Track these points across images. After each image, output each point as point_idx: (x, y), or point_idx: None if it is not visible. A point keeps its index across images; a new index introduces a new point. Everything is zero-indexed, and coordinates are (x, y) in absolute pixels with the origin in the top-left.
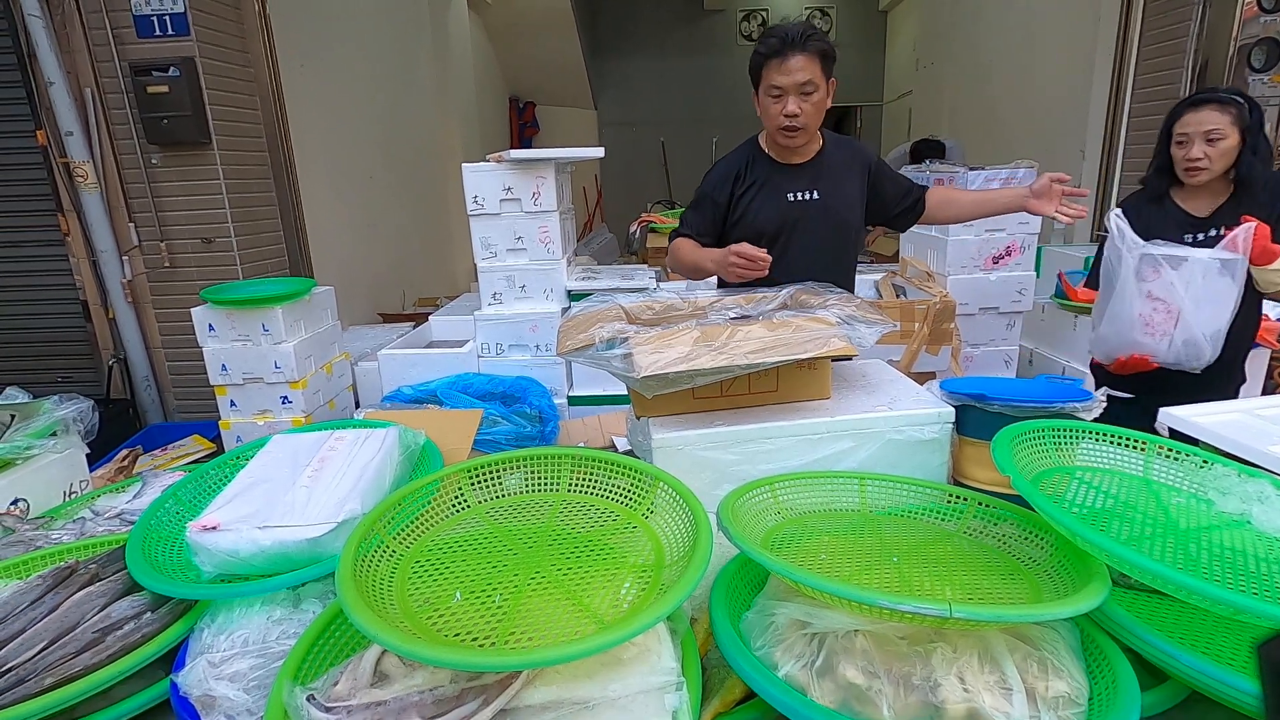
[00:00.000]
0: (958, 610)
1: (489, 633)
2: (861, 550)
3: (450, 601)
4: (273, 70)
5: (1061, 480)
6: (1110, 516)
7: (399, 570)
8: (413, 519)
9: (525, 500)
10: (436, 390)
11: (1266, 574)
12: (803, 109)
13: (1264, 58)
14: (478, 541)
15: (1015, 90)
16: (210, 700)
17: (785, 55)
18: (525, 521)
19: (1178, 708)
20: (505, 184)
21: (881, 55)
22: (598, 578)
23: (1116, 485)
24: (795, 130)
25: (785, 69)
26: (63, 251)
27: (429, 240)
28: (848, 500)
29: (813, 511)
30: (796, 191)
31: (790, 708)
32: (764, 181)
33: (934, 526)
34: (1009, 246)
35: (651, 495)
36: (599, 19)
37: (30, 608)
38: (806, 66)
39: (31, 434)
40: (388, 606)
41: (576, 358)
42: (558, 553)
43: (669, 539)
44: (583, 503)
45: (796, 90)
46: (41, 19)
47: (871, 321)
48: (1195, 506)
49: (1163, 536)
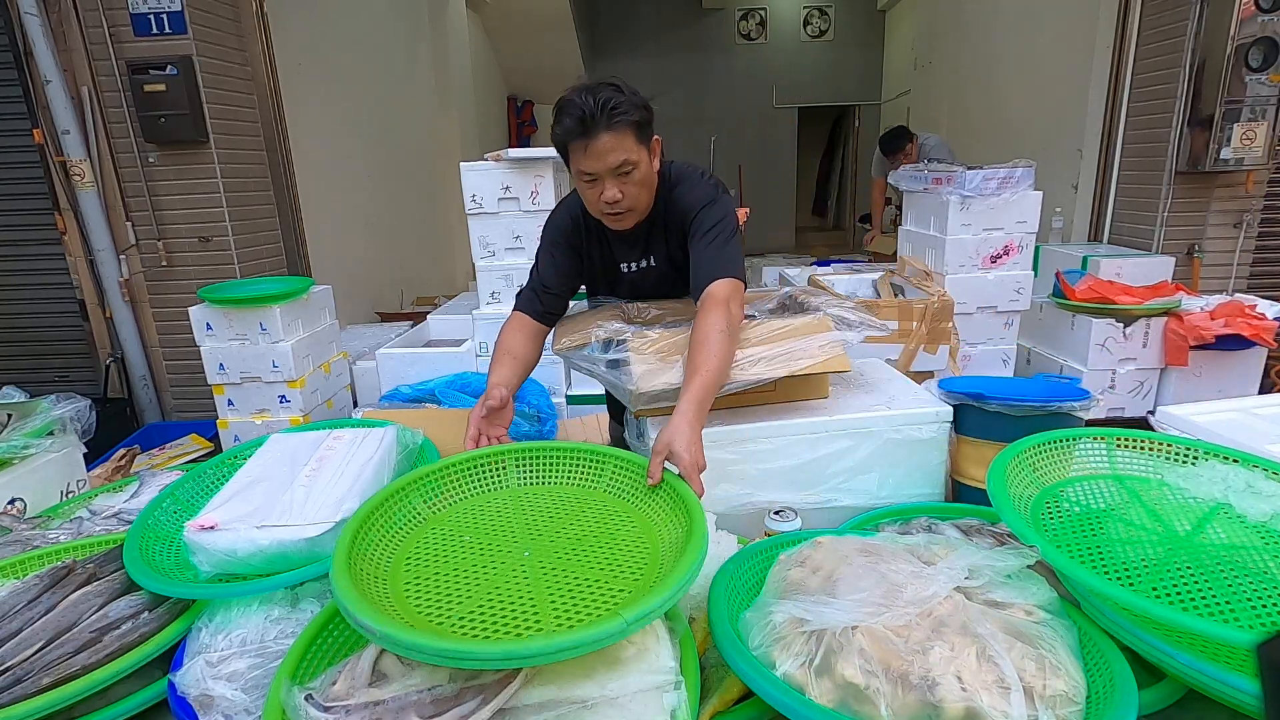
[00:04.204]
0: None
1: (484, 621)
2: (494, 542)
3: (450, 596)
4: (270, 69)
5: (1052, 502)
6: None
7: (409, 537)
8: (427, 499)
9: (522, 494)
10: (435, 389)
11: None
12: (625, 191)
13: (1261, 57)
14: (478, 529)
15: (1013, 89)
16: (208, 700)
17: (589, 137)
18: (526, 513)
19: (1175, 706)
20: (503, 183)
21: (879, 55)
22: (597, 569)
23: (1107, 497)
24: (620, 214)
25: (592, 152)
26: (59, 250)
27: (427, 239)
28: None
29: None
30: (630, 262)
31: (788, 707)
32: (599, 249)
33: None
34: (1007, 245)
35: (639, 484)
36: (597, 18)
37: (27, 607)
38: (617, 145)
39: (28, 433)
40: (381, 596)
41: (571, 356)
42: (558, 545)
43: (665, 534)
44: (580, 496)
45: (611, 174)
46: (38, 17)
47: (869, 323)
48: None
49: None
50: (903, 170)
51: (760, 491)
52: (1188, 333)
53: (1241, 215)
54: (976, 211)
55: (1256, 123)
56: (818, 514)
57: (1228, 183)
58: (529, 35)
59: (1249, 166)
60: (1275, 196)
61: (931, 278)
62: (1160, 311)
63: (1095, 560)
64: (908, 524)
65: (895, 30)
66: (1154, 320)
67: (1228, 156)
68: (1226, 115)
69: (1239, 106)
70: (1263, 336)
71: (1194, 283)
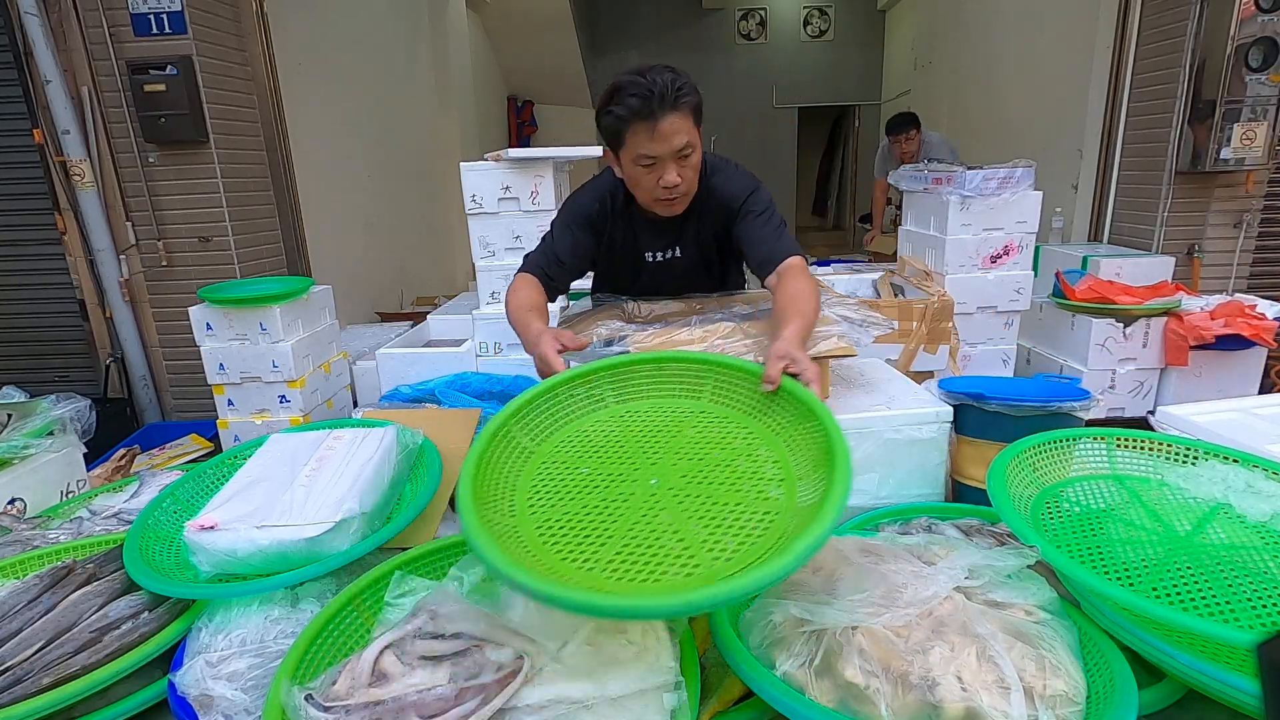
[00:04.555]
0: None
1: (637, 565)
2: (615, 472)
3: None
4: (270, 69)
5: (1053, 503)
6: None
7: (522, 476)
8: (545, 416)
9: (622, 412)
10: (435, 389)
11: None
12: (683, 175)
13: (1261, 57)
14: (593, 459)
15: (1013, 89)
16: (208, 700)
17: (654, 119)
18: (654, 429)
19: (1175, 706)
20: (503, 183)
21: (879, 55)
22: (732, 490)
23: (1105, 497)
24: (675, 199)
25: (658, 134)
26: (59, 250)
27: (427, 239)
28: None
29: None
30: (656, 252)
31: (788, 707)
32: (622, 237)
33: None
34: (1007, 245)
35: (783, 407)
36: (597, 18)
37: (27, 607)
38: (681, 127)
39: (28, 433)
40: (520, 549)
41: (573, 357)
42: (681, 467)
43: (793, 442)
44: (687, 409)
45: (673, 156)
46: (38, 17)
47: (871, 321)
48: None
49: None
50: (903, 170)
51: None
52: (1188, 333)
53: (1241, 215)
54: (976, 211)
55: (1256, 123)
56: None
57: (1228, 183)
58: (529, 35)
59: (1249, 166)
60: (1275, 196)
61: (931, 278)
62: (1160, 311)
63: (1095, 560)
64: (908, 524)
65: (895, 30)
66: (1154, 320)
67: (1228, 156)
68: (1226, 115)
69: (1239, 106)
70: (1263, 336)
71: (1194, 283)
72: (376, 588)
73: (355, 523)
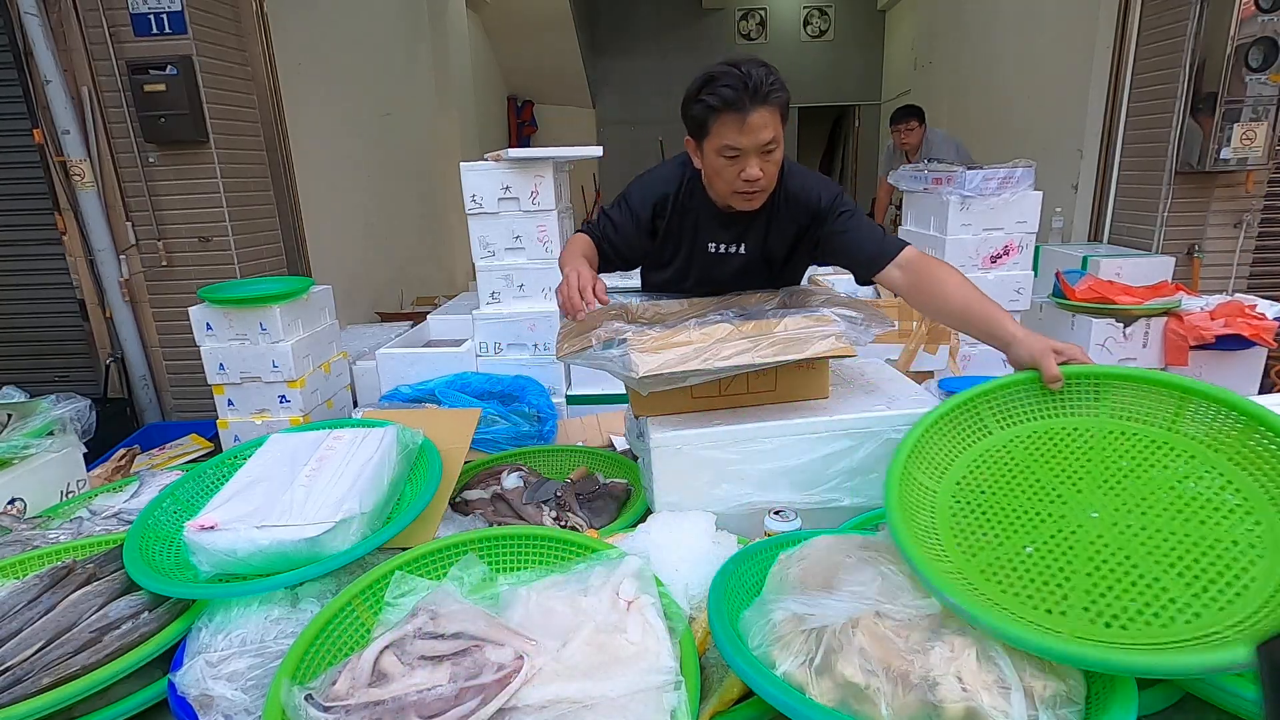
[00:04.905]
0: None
1: (1096, 610)
2: (1063, 492)
3: (1019, 552)
4: (270, 69)
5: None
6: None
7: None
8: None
9: (1050, 426)
10: (435, 389)
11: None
12: (765, 170)
13: (1261, 57)
14: (1045, 465)
15: (1013, 89)
16: (208, 700)
17: (745, 110)
18: (1061, 454)
19: (1174, 707)
20: (503, 183)
21: (879, 55)
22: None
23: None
24: (755, 194)
25: (747, 127)
26: (59, 250)
27: (427, 239)
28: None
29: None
30: (719, 244)
31: (789, 706)
32: (688, 223)
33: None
34: (1007, 245)
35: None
36: (597, 18)
37: (27, 607)
38: (770, 121)
39: (28, 433)
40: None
41: (576, 360)
42: (1118, 498)
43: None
44: (1129, 431)
45: (758, 150)
46: (38, 17)
47: (870, 321)
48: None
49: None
50: (903, 170)
51: (760, 491)
52: (1188, 333)
53: (1241, 215)
54: (976, 211)
55: (1256, 123)
56: (818, 514)
57: (1228, 183)
58: (529, 35)
59: (1249, 166)
60: (1275, 196)
61: None
62: (1160, 311)
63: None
64: None
65: (895, 30)
66: (1154, 320)
67: (1228, 156)
68: (1226, 115)
69: (1239, 106)
70: (1263, 336)
71: (1194, 283)
72: (376, 588)
73: (355, 523)
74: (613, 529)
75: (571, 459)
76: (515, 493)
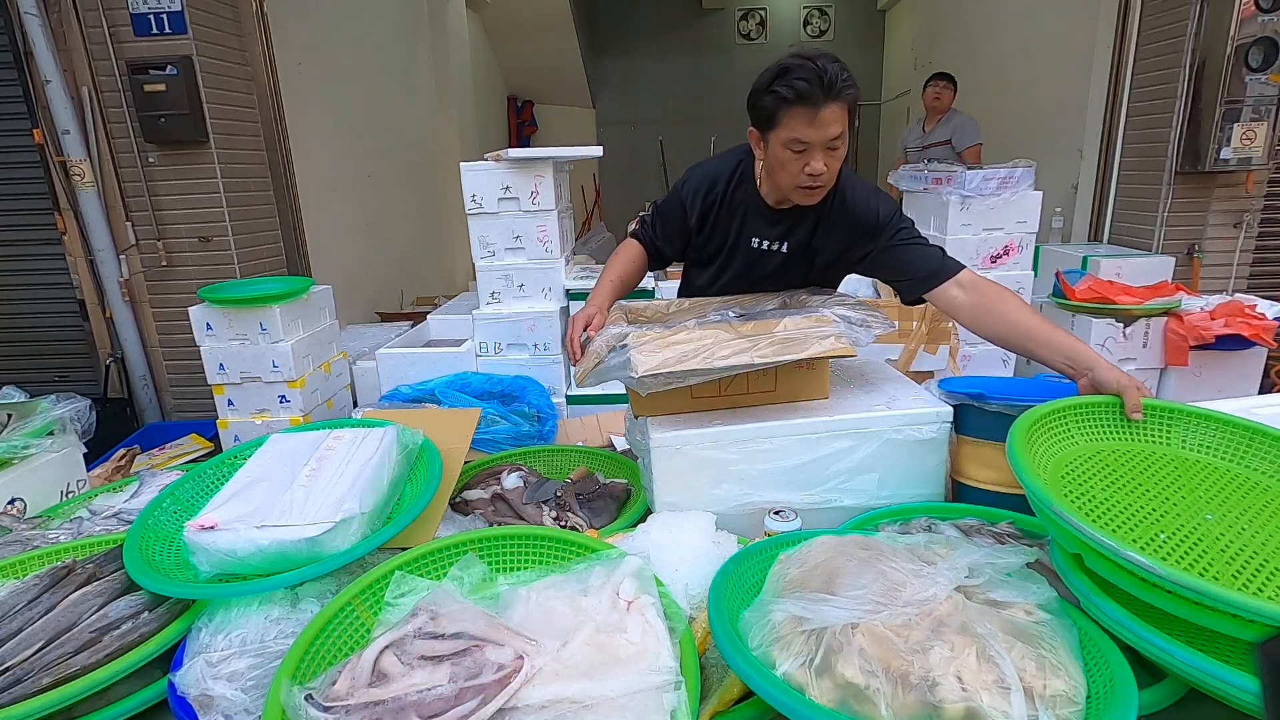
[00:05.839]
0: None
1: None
2: (1168, 499)
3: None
4: (270, 69)
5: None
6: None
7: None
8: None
9: (1130, 448)
10: (435, 389)
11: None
12: (829, 166)
13: (1261, 57)
14: (1117, 480)
15: (1013, 89)
16: (208, 700)
17: (817, 105)
18: (1151, 471)
19: (1175, 706)
20: (503, 183)
21: (879, 55)
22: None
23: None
24: (817, 189)
25: (818, 121)
26: (60, 250)
27: (427, 239)
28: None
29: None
30: (764, 240)
31: (788, 706)
32: (735, 215)
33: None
34: (1007, 245)
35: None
36: (597, 18)
37: (27, 607)
38: (839, 118)
39: (28, 433)
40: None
41: (593, 378)
42: (1221, 507)
43: None
44: (1202, 461)
45: (825, 145)
46: (38, 17)
47: (870, 321)
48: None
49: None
50: (903, 170)
51: (760, 491)
52: (1188, 333)
53: (1241, 215)
54: (976, 211)
55: (1257, 123)
56: (818, 514)
57: (1228, 183)
58: (529, 35)
59: (1249, 167)
60: (1275, 196)
61: None
62: (1160, 311)
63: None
64: (908, 524)
65: (895, 30)
66: (1154, 320)
67: (1228, 156)
68: (1226, 115)
69: (1239, 106)
70: (1263, 336)
71: (1194, 283)
72: (376, 588)
73: (355, 523)
74: (613, 529)
75: (571, 459)
76: (515, 493)
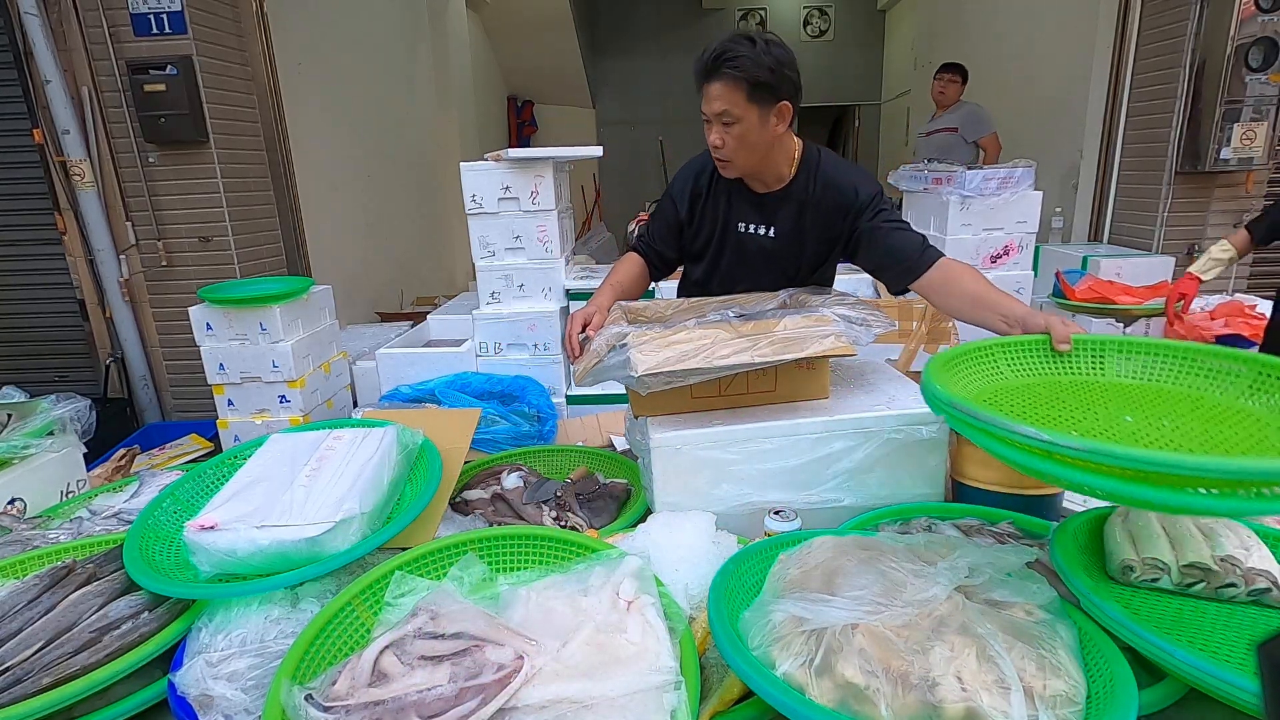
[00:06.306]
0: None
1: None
2: (1092, 410)
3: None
4: (270, 69)
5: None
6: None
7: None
8: None
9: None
10: (435, 389)
11: None
12: (725, 140)
13: (1261, 57)
14: (1037, 401)
15: (1013, 90)
16: (208, 700)
17: (702, 81)
18: (1078, 394)
19: (1175, 706)
20: (503, 183)
21: (879, 55)
22: None
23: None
24: (722, 162)
25: (705, 97)
26: (59, 250)
27: (427, 239)
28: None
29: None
30: (749, 224)
31: (788, 707)
32: (720, 202)
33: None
34: (1007, 245)
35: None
36: (597, 18)
37: (27, 607)
38: (721, 95)
39: (28, 433)
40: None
41: (591, 378)
42: (1143, 411)
43: None
44: (1136, 386)
45: (717, 119)
46: (38, 17)
47: (870, 321)
48: None
49: None
50: (903, 170)
51: (760, 491)
52: (1187, 333)
53: (1241, 215)
54: (977, 211)
55: (1256, 123)
56: (818, 514)
57: (1228, 183)
58: (529, 35)
59: (1249, 166)
60: (1275, 196)
61: None
62: (1160, 311)
63: None
64: (908, 524)
65: (895, 30)
66: (1154, 320)
67: (1228, 156)
68: (1226, 115)
69: (1239, 106)
70: (1262, 336)
71: None
72: (376, 588)
73: (355, 523)
74: (613, 529)
75: (571, 459)
76: (515, 493)
